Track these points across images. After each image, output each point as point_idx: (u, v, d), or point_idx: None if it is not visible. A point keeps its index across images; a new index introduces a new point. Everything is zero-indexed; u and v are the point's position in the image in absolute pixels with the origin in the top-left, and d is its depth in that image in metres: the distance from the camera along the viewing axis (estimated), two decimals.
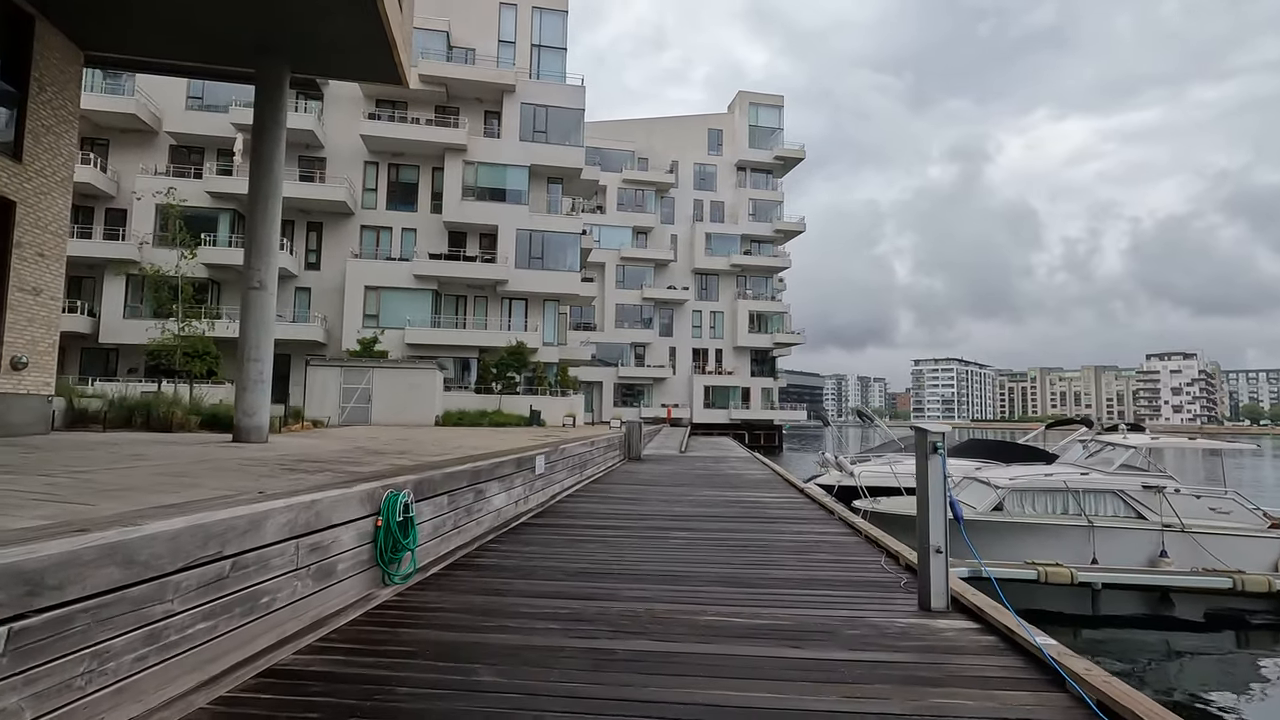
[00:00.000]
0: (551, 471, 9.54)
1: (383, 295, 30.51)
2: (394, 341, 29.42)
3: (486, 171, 31.96)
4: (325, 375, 23.69)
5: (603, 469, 14.27)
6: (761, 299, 55.87)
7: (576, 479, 11.46)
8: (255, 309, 10.38)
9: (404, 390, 24.10)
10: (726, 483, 12.76)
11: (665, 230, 55.88)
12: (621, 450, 18.21)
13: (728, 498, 10.40)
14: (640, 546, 6.41)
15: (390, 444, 10.79)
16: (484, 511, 6.52)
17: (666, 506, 9.25)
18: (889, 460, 14.52)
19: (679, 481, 12.75)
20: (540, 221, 32.23)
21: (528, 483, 8.25)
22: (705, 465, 17.01)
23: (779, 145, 56.49)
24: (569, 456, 10.77)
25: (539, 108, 32.64)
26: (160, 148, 30.41)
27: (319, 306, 30.68)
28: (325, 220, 31.30)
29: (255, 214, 10.67)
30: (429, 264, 30.49)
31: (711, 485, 12.21)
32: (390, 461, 6.75)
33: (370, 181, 32.01)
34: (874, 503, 11.35)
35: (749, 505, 9.62)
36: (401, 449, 9.59)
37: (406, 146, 31.30)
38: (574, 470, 11.17)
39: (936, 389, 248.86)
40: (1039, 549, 9.74)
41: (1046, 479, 10.59)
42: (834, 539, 7.10)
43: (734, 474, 14.66)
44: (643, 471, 14.74)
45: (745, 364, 55.42)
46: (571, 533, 7.04)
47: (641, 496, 10.30)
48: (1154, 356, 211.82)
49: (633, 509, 8.92)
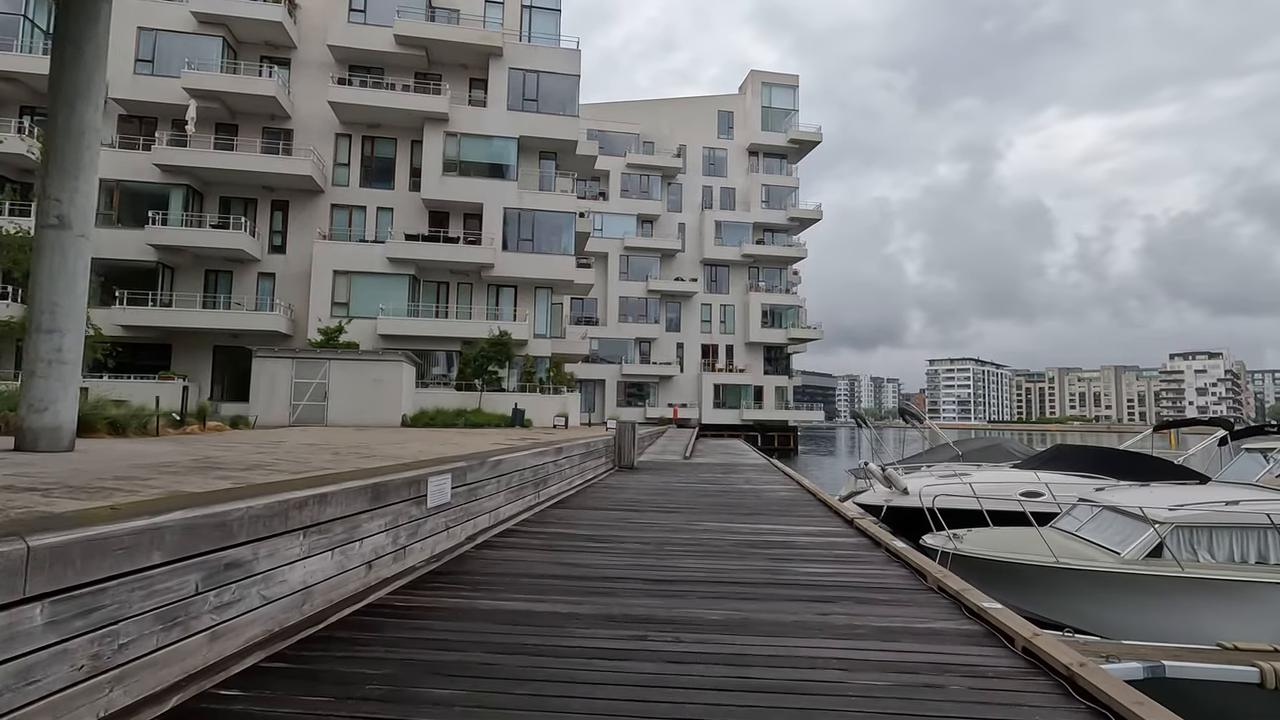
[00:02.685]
0: (471, 499, 6.21)
1: (354, 281, 27.33)
2: (365, 332, 26.21)
3: (471, 144, 28.71)
4: (274, 369, 20.51)
5: (577, 484, 10.94)
6: (775, 291, 52.28)
7: (525, 504, 8.12)
8: (53, 255, 7.09)
9: (366, 386, 20.87)
10: (740, 504, 9.38)
11: (672, 218, 52.44)
12: (610, 457, 14.87)
13: (743, 534, 7.04)
14: (577, 677, 3.08)
15: (265, 455, 7.51)
16: (242, 606, 3.22)
17: (648, 557, 5.90)
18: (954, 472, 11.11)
19: (675, 503, 9.39)
20: (531, 200, 28.95)
21: (404, 525, 4.91)
22: (713, 477, 13.63)
23: (794, 128, 52.89)
24: (511, 472, 7.43)
25: (529, 73, 29.37)
26: (109, 117, 27.34)
27: (284, 294, 27.55)
28: (292, 199, 28.16)
29: (58, 118, 7.34)
30: (405, 246, 27.28)
31: (719, 509, 8.84)
32: (161, 487, 3.49)
33: (342, 156, 28.84)
34: (953, 538, 7.92)
35: (775, 550, 6.26)
36: (257, 462, 6.31)
37: (382, 116, 28.11)
38: (520, 491, 7.83)
39: (952, 389, 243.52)
40: (1230, 621, 6.31)
41: (1231, 510, 7.09)
42: (930, 625, 3.75)
43: (749, 489, 11.27)
44: (631, 486, 11.38)
45: (758, 361, 51.87)
46: (446, 638, 3.71)
47: (615, 534, 6.95)
48: (1177, 356, 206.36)
49: (590, 565, 5.57)
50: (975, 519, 9.04)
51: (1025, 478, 10.42)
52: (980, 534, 8.27)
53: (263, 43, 28.22)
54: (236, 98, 26.80)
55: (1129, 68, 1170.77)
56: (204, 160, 26.06)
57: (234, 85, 26.42)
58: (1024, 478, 10.46)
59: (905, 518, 10.81)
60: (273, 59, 28.22)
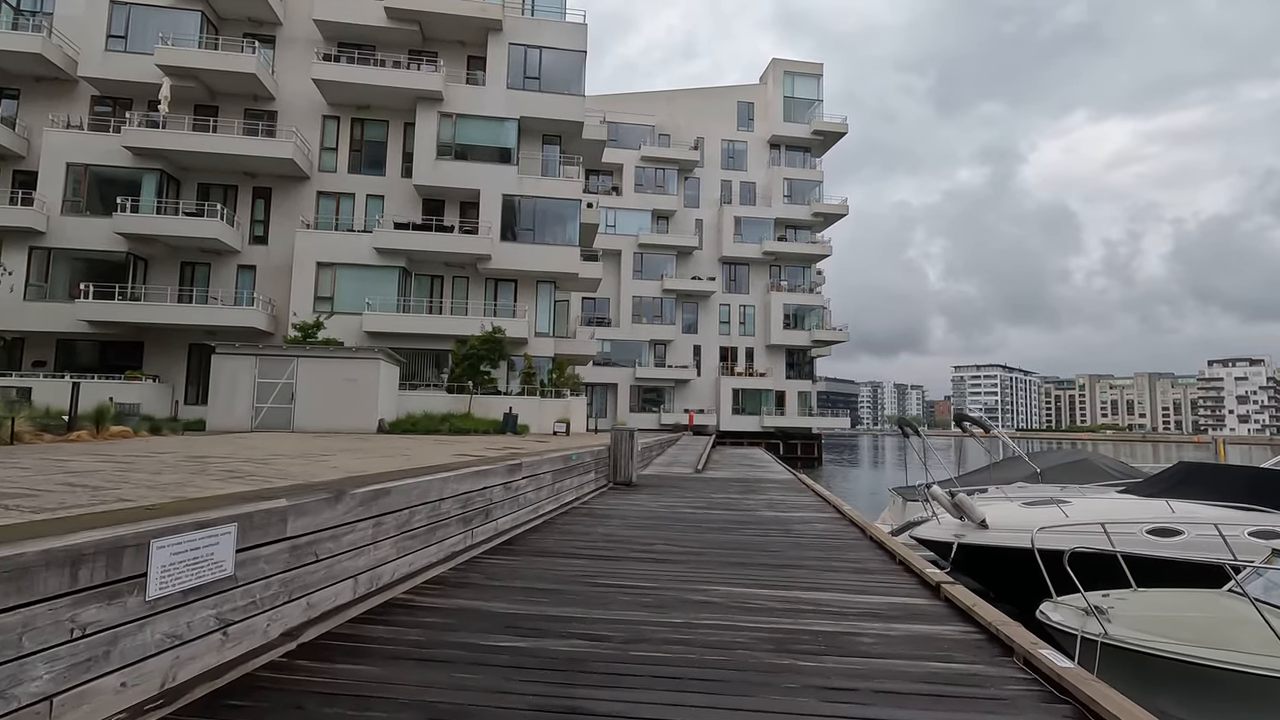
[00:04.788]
0: (302, 562, 3.68)
1: (339, 273, 25.10)
2: (349, 329, 23.97)
3: (468, 125, 26.42)
4: (235, 367, 18.26)
5: (547, 511, 8.39)
6: (798, 291, 49.39)
7: (444, 550, 5.58)
8: None
9: (338, 387, 18.54)
10: (764, 546, 6.76)
11: (689, 214, 49.83)
12: (605, 471, 12.31)
13: (772, 614, 4.43)
14: None
15: (41, 480, 5.08)
16: None
17: (607, 675, 3.32)
18: (1048, 497, 8.39)
19: (673, 543, 6.79)
20: (532, 186, 26.56)
21: (69, 645, 2.37)
22: (728, 499, 11.01)
23: (817, 118, 50.07)
24: (407, 508, 4.87)
25: (531, 49, 27.03)
26: (81, 98, 25.50)
27: (266, 288, 25.41)
28: (275, 185, 26.05)
29: None
30: (394, 235, 25.01)
31: (735, 555, 6.23)
32: None
33: (330, 140, 26.69)
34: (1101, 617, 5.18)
35: (830, 654, 3.65)
36: None
37: (371, 95, 25.93)
38: (431, 534, 5.27)
39: (979, 397, 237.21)
40: None
41: None
42: None
43: (774, 518, 8.63)
44: (620, 513, 8.80)
45: (779, 365, 48.97)
46: None
47: (562, 613, 4.37)
48: (1216, 363, 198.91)
49: (494, 699, 3.00)
50: (1086, 567, 6.33)
51: (1154, 509, 7.69)
52: (1133, 600, 5.55)
53: (245, 18, 26.21)
54: (215, 76, 24.76)
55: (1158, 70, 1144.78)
56: (177, 143, 24.02)
57: (211, 62, 24.39)
58: (1151, 509, 7.73)
59: (984, 561, 8.12)
60: (256, 35, 26.16)
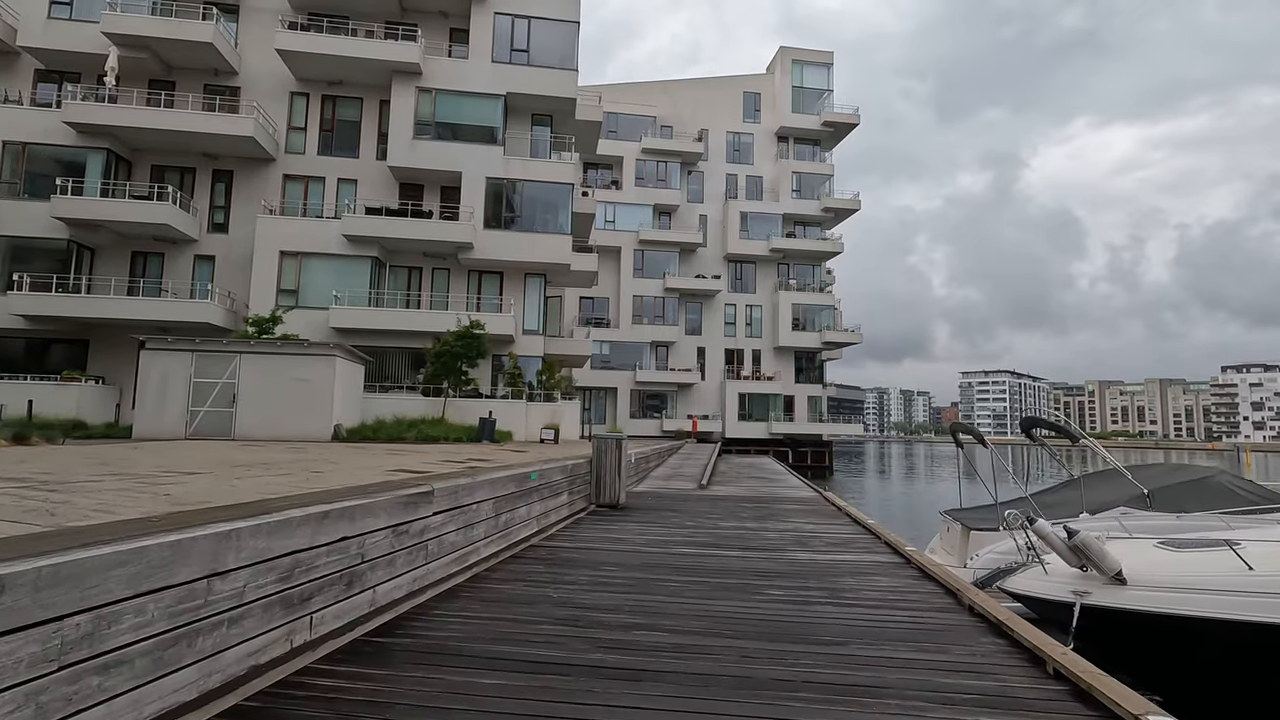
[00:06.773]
0: None
1: (304, 263, 22.69)
2: (315, 325, 21.55)
3: (448, 102, 24.02)
4: (167, 365, 15.80)
5: (486, 555, 5.88)
6: (808, 290, 46.81)
7: (244, 658, 3.05)
8: None
9: (287, 388, 16.07)
10: (809, 644, 4.22)
11: (692, 209, 47.35)
12: (585, 490, 9.80)
13: None
14: None
15: None
16: None
17: None
18: (1215, 539, 5.86)
19: (663, 632, 4.27)
20: (519, 168, 24.14)
21: None
22: (740, 530, 8.48)
23: (827, 109, 47.62)
24: (165, 588, 2.34)
25: (519, 19, 24.65)
26: (23, 72, 23.19)
27: (226, 280, 23.00)
28: (237, 169, 23.68)
29: None
30: (366, 221, 22.60)
31: (766, 657, 3.73)
32: None
33: (298, 118, 24.32)
34: None
35: None
36: None
37: (343, 69, 23.57)
38: (195, 642, 2.74)
39: (987, 403, 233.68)
40: None
41: None
42: None
43: (812, 571, 6.10)
44: (592, 558, 6.29)
45: (788, 368, 46.36)
46: None
47: None
48: (1230, 369, 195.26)
49: None
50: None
51: None
52: None
53: None
54: (169, 46, 22.45)
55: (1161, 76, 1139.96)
56: (125, 118, 21.65)
57: (164, 30, 22.06)
58: None
59: (1123, 630, 5.57)
60: (217, 4, 23.86)
